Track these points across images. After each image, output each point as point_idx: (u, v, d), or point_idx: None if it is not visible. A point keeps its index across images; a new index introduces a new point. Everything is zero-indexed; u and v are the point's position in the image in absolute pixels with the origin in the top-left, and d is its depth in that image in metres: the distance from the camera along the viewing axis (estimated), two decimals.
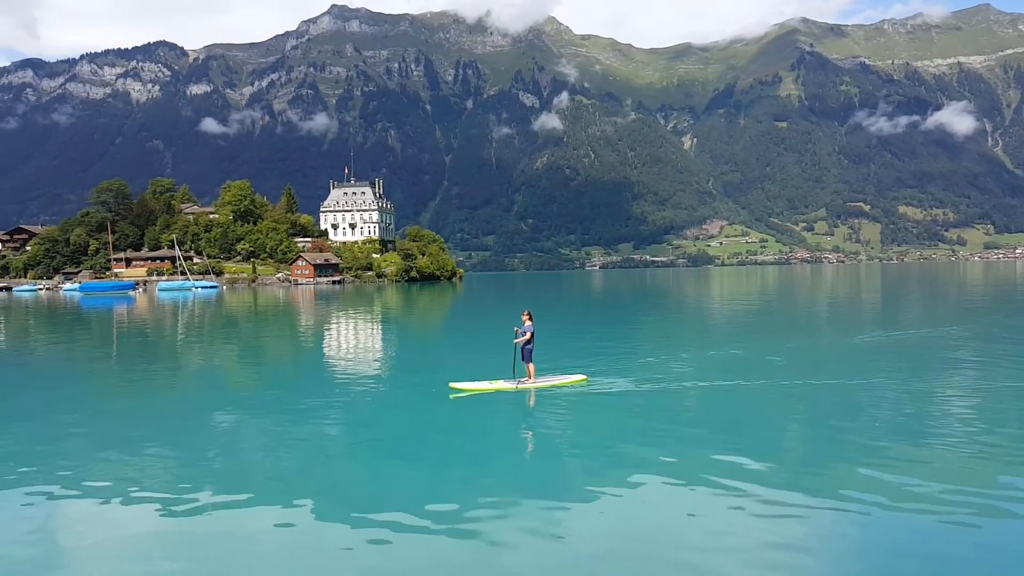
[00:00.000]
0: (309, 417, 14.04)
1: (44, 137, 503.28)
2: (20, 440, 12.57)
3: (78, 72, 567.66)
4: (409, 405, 15.23)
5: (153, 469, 10.45)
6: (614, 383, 16.39)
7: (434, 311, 54.53)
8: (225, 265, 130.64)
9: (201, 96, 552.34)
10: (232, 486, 9.41)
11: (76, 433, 13.13)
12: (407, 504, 8.49)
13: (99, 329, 42.67)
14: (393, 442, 11.96)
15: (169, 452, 11.46)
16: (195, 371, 22.98)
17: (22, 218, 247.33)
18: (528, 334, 15.38)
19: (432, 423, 13.40)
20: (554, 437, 12.14)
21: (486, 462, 10.65)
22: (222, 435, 12.78)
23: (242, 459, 11.07)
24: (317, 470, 10.32)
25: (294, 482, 9.61)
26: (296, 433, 12.68)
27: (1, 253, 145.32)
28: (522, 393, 15.29)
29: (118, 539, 7.79)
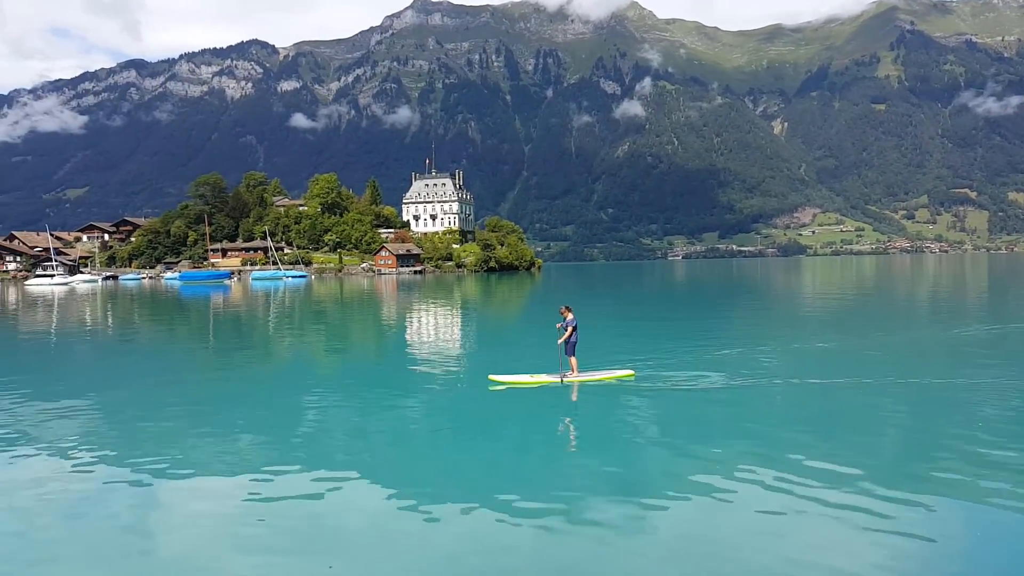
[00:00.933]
0: (391, 402, 14.39)
1: (147, 134, 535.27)
2: (127, 416, 13.50)
3: (177, 71, 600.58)
4: (478, 396, 14.80)
5: (245, 448, 10.90)
6: (671, 378, 15.55)
7: (512, 301, 54.17)
8: (313, 255, 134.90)
9: (291, 92, 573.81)
10: (318, 467, 9.73)
11: (176, 411, 13.87)
12: (485, 492, 8.61)
13: (197, 316, 44.51)
14: (470, 431, 12.03)
15: (259, 432, 11.91)
16: (285, 356, 23.74)
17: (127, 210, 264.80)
18: (569, 328, 15.15)
19: (505, 414, 13.16)
20: (595, 433, 11.77)
21: (524, 454, 10.46)
22: (309, 417, 13.13)
23: (326, 441, 11.35)
24: (397, 455, 10.59)
25: (376, 466, 9.93)
26: (379, 417, 13.07)
27: (108, 244, 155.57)
28: (564, 387, 14.92)
29: (211, 514, 8.17)
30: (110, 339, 31.30)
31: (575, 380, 15.20)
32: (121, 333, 34.20)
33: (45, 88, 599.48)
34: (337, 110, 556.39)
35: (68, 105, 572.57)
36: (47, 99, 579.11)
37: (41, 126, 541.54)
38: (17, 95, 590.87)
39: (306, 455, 10.38)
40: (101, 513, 8.17)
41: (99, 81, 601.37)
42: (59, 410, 13.94)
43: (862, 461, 9.46)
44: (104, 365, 22.74)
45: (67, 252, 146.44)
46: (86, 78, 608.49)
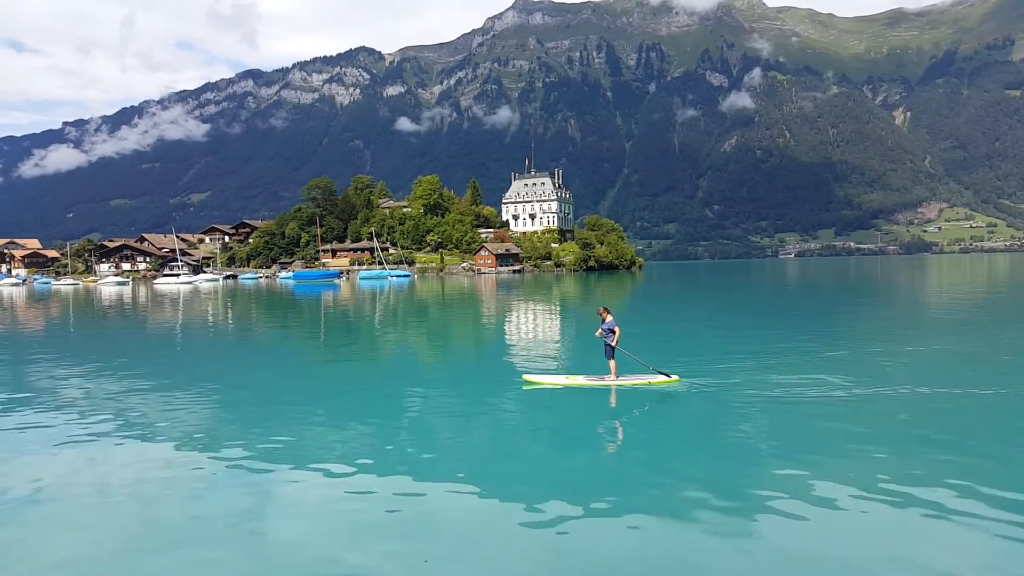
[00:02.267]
0: (489, 399, 14.27)
1: (263, 140, 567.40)
2: (244, 406, 14.50)
3: (291, 80, 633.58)
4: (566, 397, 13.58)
5: (352, 441, 11.26)
6: (728, 383, 14.68)
7: (610, 300, 52.01)
8: (416, 255, 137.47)
9: (396, 97, 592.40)
10: (416, 462, 9.97)
11: (289, 402, 14.69)
12: (575, 494, 8.46)
13: (309, 313, 45.72)
14: (568, 431, 11.86)
15: (365, 425, 12.29)
16: (389, 352, 24.31)
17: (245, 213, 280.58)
18: (616, 330, 14.71)
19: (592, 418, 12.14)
20: (639, 439, 11.43)
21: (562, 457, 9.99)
22: (410, 412, 13.43)
23: (426, 437, 11.55)
24: (494, 453, 10.61)
25: (472, 463, 9.96)
26: (478, 412, 13.18)
27: (228, 245, 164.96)
28: (602, 391, 14.36)
29: (316, 502, 8.46)
30: (230, 334, 32.69)
31: (613, 383, 14.59)
32: (240, 329, 35.52)
33: (171, 99, 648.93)
34: (439, 113, 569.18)
35: (192, 114, 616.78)
36: (173, 109, 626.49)
37: (168, 134, 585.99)
38: (146, 106, 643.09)
39: (407, 450, 10.63)
40: (218, 498, 8.59)
41: (219, 91, 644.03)
42: (183, 399, 14.91)
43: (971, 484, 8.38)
44: (224, 358, 23.88)
45: (191, 253, 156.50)
46: (208, 88, 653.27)
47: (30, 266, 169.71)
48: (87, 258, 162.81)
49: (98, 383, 17.23)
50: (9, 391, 16.34)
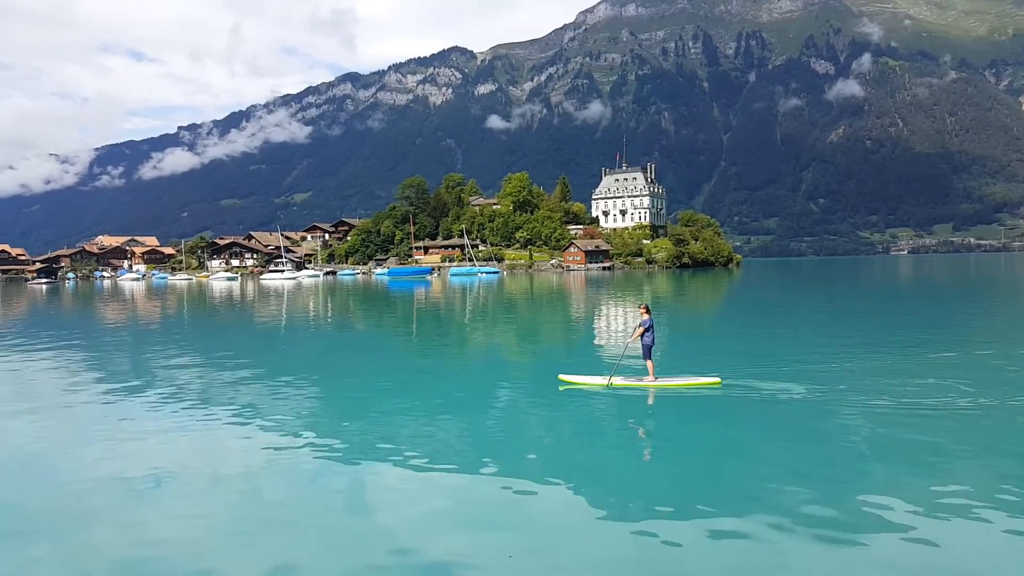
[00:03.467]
0: (580, 398, 13.87)
1: (360, 141, 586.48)
2: (344, 396, 15.27)
3: (386, 82, 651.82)
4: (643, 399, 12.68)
5: (441, 433, 11.46)
6: (770, 386, 13.98)
7: (705, 298, 50.02)
8: (505, 252, 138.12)
9: (487, 95, 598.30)
10: (504, 456, 10.13)
11: (385, 394, 15.17)
12: (653, 498, 8.55)
13: (403, 308, 46.97)
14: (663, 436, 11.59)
15: (455, 418, 12.44)
16: (479, 346, 24.74)
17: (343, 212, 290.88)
18: (641, 329, 14.36)
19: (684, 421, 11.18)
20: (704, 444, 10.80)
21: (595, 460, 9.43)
22: (499, 407, 13.50)
23: (514, 433, 11.59)
24: (580, 450, 10.52)
25: (560, 460, 9.91)
26: (567, 409, 13.07)
27: (328, 242, 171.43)
28: (639, 392, 14.02)
29: (410, 493, 8.64)
30: (330, 328, 33.83)
31: (650, 384, 14.20)
32: (339, 322, 36.67)
33: (276, 103, 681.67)
34: (530, 109, 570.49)
35: (295, 117, 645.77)
36: (277, 112, 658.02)
37: (273, 137, 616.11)
38: (254, 110, 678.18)
39: (494, 445, 10.74)
40: (315, 485, 8.90)
41: (320, 94, 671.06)
42: (286, 389, 15.67)
43: None
44: (324, 350, 24.77)
45: (294, 250, 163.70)
46: (309, 92, 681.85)
47: (148, 262, 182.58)
48: (200, 255, 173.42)
49: (209, 372, 18.44)
50: (129, 379, 17.64)
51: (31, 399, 15.18)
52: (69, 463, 10.15)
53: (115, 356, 23.03)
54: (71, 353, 23.60)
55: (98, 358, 22.32)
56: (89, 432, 11.87)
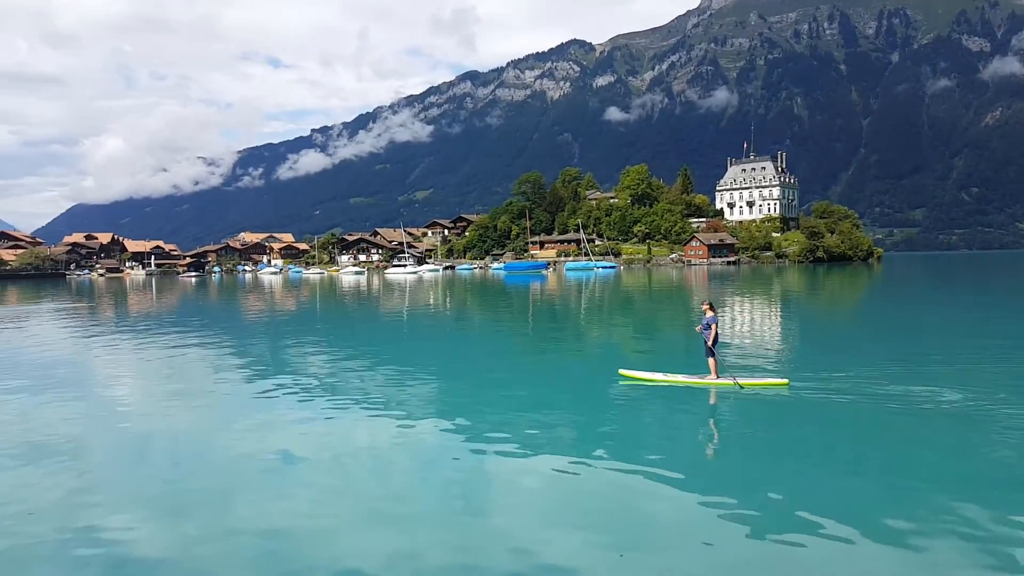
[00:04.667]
0: (701, 397, 13.50)
1: (479, 138, 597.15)
2: (463, 387, 15.62)
3: (505, 79, 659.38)
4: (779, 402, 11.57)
5: (556, 426, 11.54)
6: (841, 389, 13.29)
7: (843, 295, 46.34)
8: (622, 246, 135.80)
9: (605, 87, 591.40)
10: (619, 452, 9.97)
11: (501, 386, 15.28)
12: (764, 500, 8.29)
13: (518, 301, 47.21)
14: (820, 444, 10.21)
15: (571, 413, 12.45)
16: (594, 339, 24.76)
17: (462, 208, 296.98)
18: (714, 326, 13.88)
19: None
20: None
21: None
22: (619, 403, 13.28)
23: (630, 429, 11.48)
24: (697, 449, 10.54)
25: (680, 459, 9.77)
26: (688, 409, 12.71)
27: (448, 238, 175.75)
28: (701, 390, 13.72)
29: (523, 486, 8.76)
30: (449, 320, 34.83)
31: (712, 383, 13.84)
32: (458, 315, 37.69)
33: (400, 104, 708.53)
34: (651, 99, 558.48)
35: (418, 117, 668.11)
36: (402, 113, 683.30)
37: (397, 137, 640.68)
38: (379, 111, 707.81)
39: (608, 441, 10.59)
40: (435, 473, 9.14)
41: (441, 94, 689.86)
42: (409, 378, 16.40)
43: None
44: (444, 341, 25.42)
45: (416, 245, 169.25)
46: (431, 92, 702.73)
47: (285, 257, 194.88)
48: (330, 250, 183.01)
49: (338, 361, 19.48)
50: (268, 366, 19.04)
51: (183, 383, 16.64)
52: (215, 444, 10.92)
53: (256, 345, 24.74)
54: (218, 341, 25.61)
55: (241, 346, 24.09)
56: (232, 415, 12.79)
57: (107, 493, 8.67)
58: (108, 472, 9.62)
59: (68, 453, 10.39)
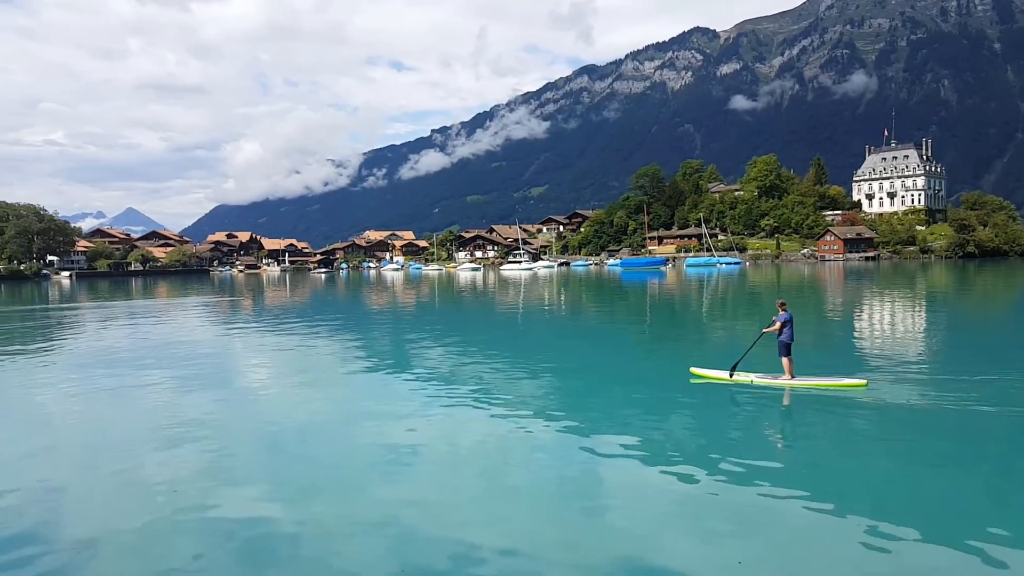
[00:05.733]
0: (832, 403, 12.45)
1: (595, 133, 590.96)
2: (574, 384, 15.64)
3: (623, 71, 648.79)
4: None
5: (671, 428, 11.31)
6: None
7: (998, 295, 41.66)
8: (748, 241, 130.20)
9: (730, 75, 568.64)
10: (737, 456, 9.71)
11: (614, 383, 15.24)
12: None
13: (635, 299, 46.45)
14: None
15: (687, 416, 12.05)
16: (715, 340, 23.37)
17: (577, 204, 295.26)
18: (779, 324, 13.52)
19: None
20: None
21: None
22: (734, 405, 12.84)
23: (746, 434, 11.20)
24: (824, 458, 9.86)
25: (799, 467, 9.47)
26: (819, 417, 11.75)
27: (562, 234, 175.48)
28: (772, 391, 13.31)
29: (639, 489, 8.50)
30: (563, 316, 34.78)
31: (785, 383, 13.44)
32: (572, 311, 37.56)
33: (516, 101, 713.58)
34: (780, 86, 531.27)
35: (534, 114, 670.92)
36: (518, 110, 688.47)
37: (513, 134, 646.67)
38: (496, 110, 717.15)
39: (726, 444, 10.40)
40: (555, 471, 9.05)
41: (558, 89, 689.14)
42: (522, 371, 16.61)
43: None
44: (558, 337, 25.34)
45: (531, 242, 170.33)
46: (547, 88, 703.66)
47: (406, 254, 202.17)
48: (448, 247, 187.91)
49: (455, 354, 19.93)
50: (390, 358, 19.97)
51: (312, 373, 17.64)
52: (340, 432, 11.40)
53: (379, 337, 25.86)
54: (345, 333, 27.01)
55: (365, 338, 25.28)
56: (356, 405, 13.42)
57: (244, 473, 9.27)
58: (245, 454, 10.25)
59: (210, 436, 11.18)
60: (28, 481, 9.06)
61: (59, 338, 28.00)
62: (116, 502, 8.26)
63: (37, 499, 8.39)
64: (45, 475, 9.33)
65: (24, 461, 10.09)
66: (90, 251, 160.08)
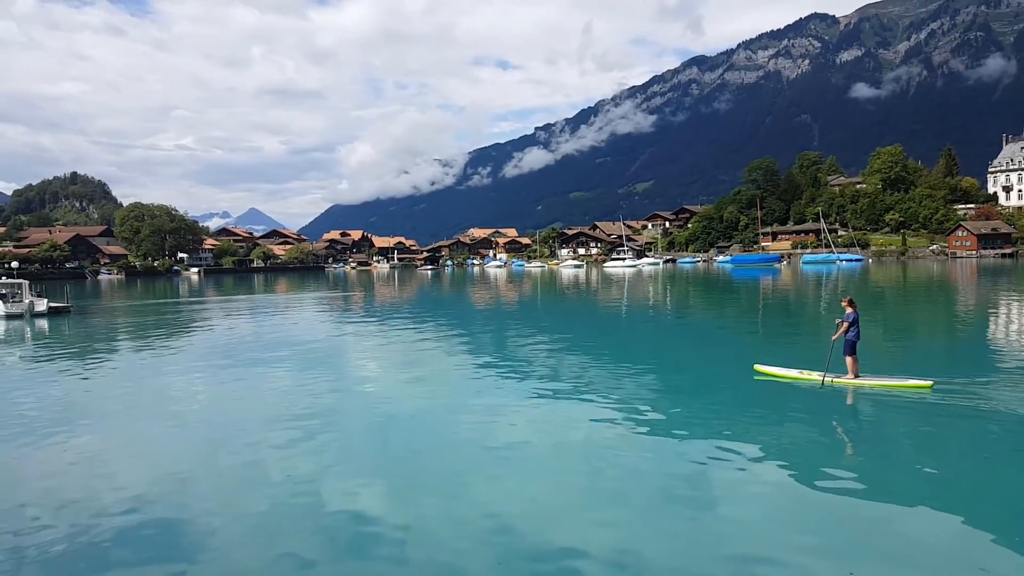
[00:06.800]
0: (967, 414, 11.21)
1: (704, 126, 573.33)
2: (678, 386, 15.02)
3: (734, 61, 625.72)
4: None
5: (784, 433, 10.98)
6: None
7: None
8: (871, 237, 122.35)
9: (851, 62, 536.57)
10: (851, 464, 9.47)
11: (726, 388, 14.44)
12: None
13: (746, 298, 44.71)
14: None
15: (797, 420, 11.67)
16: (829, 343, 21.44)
17: (684, 199, 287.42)
18: (846, 324, 13.31)
19: None
20: None
21: None
22: (856, 412, 12.18)
23: (865, 441, 10.64)
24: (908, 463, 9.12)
25: (908, 476, 8.96)
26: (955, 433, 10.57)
27: (669, 230, 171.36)
28: (835, 390, 13.11)
29: (747, 491, 8.27)
30: (669, 315, 33.95)
31: (849, 382, 13.23)
32: (678, 310, 36.61)
33: (622, 95, 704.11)
34: (906, 72, 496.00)
35: (640, 108, 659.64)
36: (623, 105, 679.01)
37: (619, 129, 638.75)
38: (601, 105, 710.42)
39: (841, 451, 10.12)
40: (660, 470, 8.96)
41: (665, 82, 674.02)
42: (624, 370, 16.40)
43: None
44: (663, 336, 24.92)
45: (635, 239, 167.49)
46: (654, 81, 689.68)
47: (509, 251, 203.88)
48: (551, 244, 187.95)
49: (557, 351, 19.94)
50: (492, 354, 20.11)
51: (419, 366, 18.18)
52: (446, 426, 11.56)
53: (483, 333, 26.29)
54: (450, 329, 27.73)
55: (470, 334, 25.69)
56: (461, 399, 13.61)
57: (354, 464, 9.60)
58: (355, 445, 10.61)
59: (323, 425, 11.67)
60: (154, 463, 9.80)
61: (188, 330, 30.23)
62: (234, 485, 8.76)
63: (161, 480, 9.02)
64: (170, 457, 10.04)
65: (152, 442, 10.95)
66: (216, 249, 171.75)
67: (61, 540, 7.14)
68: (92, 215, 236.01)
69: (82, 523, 7.57)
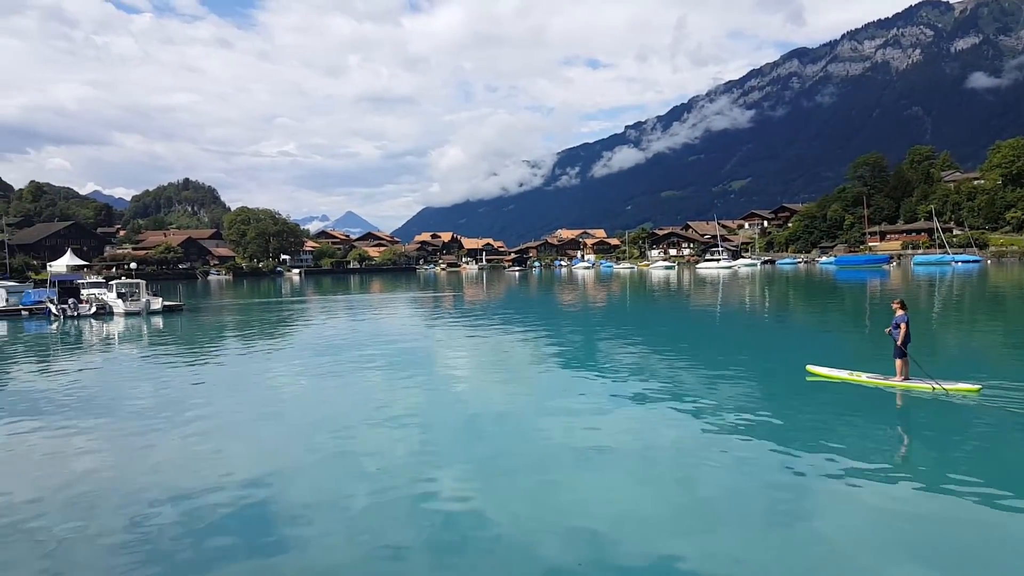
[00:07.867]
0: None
1: (806, 120, 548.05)
2: (775, 392, 14.49)
3: (838, 52, 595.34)
4: None
5: (876, 446, 10.54)
6: None
7: None
8: (990, 236, 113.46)
9: (968, 50, 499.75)
10: (932, 475, 8.91)
11: (823, 390, 14.02)
12: None
13: (852, 301, 42.36)
14: None
15: (892, 428, 11.52)
16: (948, 350, 20.38)
17: (784, 197, 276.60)
18: (903, 327, 13.21)
19: None
20: None
21: None
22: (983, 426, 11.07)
23: (951, 452, 10.01)
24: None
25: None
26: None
27: (767, 230, 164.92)
28: (886, 392, 13.05)
29: (836, 505, 7.99)
30: (767, 319, 32.50)
31: (898, 384, 13.33)
32: (777, 314, 35.16)
33: (717, 91, 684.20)
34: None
35: (736, 103, 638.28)
36: (719, 100, 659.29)
37: (713, 125, 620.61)
38: (695, 101, 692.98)
39: (919, 461, 9.84)
40: (750, 475, 8.82)
41: (763, 76, 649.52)
42: (714, 375, 15.99)
43: None
44: (760, 340, 24.01)
45: (730, 239, 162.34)
46: (752, 75, 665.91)
47: (597, 252, 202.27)
48: (641, 245, 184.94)
49: (645, 355, 19.65)
50: (578, 356, 20.08)
51: (507, 365, 18.51)
52: (532, 426, 11.63)
53: (570, 335, 26.15)
54: (537, 330, 27.78)
55: (557, 335, 25.67)
56: (549, 399, 13.67)
57: (442, 459, 9.81)
58: (443, 440, 10.83)
59: (413, 420, 12.08)
60: (256, 452, 10.38)
61: (290, 327, 31.72)
62: (330, 476, 9.13)
63: (262, 469, 9.50)
64: (271, 447, 10.62)
65: (255, 433, 11.59)
66: (316, 251, 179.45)
67: (169, 526, 7.62)
68: (203, 219, 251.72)
69: (188, 508, 8.08)
